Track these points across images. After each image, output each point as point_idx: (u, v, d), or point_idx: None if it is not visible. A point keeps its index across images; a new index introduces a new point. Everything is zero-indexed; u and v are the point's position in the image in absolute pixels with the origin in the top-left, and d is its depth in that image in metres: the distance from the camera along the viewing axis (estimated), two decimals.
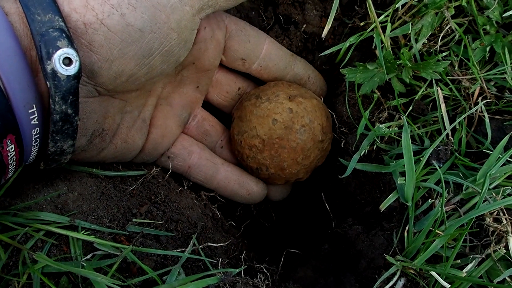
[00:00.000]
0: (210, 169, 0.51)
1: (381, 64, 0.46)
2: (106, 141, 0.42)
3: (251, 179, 0.53)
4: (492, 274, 0.38)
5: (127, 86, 0.39)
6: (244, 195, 0.53)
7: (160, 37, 0.37)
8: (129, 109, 0.44)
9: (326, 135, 0.50)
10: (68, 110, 0.33)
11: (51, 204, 0.39)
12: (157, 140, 0.48)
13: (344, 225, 0.47)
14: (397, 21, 0.49)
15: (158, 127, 0.48)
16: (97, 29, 0.34)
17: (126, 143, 0.44)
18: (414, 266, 0.38)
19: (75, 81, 0.33)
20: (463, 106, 0.47)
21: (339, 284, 0.44)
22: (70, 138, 0.35)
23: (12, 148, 0.33)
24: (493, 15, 0.47)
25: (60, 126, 0.34)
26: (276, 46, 0.51)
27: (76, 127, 0.35)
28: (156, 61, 0.38)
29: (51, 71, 0.32)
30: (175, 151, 0.50)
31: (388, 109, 0.49)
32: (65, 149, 0.36)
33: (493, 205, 0.38)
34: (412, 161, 0.40)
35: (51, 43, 0.31)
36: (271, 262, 0.50)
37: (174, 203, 0.46)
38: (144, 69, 0.38)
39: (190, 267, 0.41)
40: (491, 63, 0.48)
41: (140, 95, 0.44)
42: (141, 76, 0.39)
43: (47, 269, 0.36)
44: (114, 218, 0.41)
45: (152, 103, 0.47)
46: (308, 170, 0.52)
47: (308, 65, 0.54)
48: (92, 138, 0.40)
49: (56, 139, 0.35)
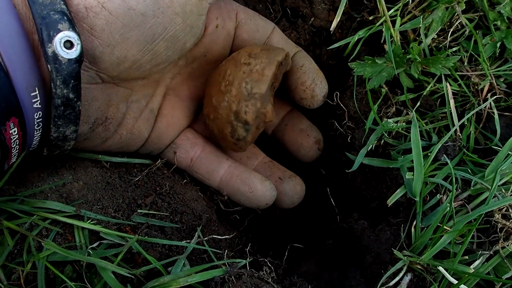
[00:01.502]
0: (213, 163, 0.48)
1: (390, 58, 0.46)
2: (110, 131, 0.42)
3: (255, 176, 0.48)
4: (499, 271, 0.37)
5: (131, 73, 0.39)
6: (246, 192, 0.47)
7: (164, 22, 0.36)
8: (135, 98, 0.43)
9: (256, 58, 0.43)
10: (69, 95, 0.33)
11: (56, 193, 0.39)
12: (162, 129, 0.47)
13: (349, 220, 0.47)
14: (407, 15, 0.49)
15: (164, 116, 0.47)
16: (98, 13, 0.33)
17: (131, 134, 0.44)
18: (421, 262, 0.37)
19: (76, 64, 0.32)
20: (472, 102, 0.47)
21: (343, 279, 0.44)
22: (72, 124, 0.35)
23: (15, 131, 0.32)
24: (505, 11, 0.46)
25: (62, 111, 0.34)
26: (281, 36, 0.50)
27: (78, 112, 0.35)
28: (160, 47, 0.38)
29: (52, 54, 0.31)
30: (178, 141, 0.48)
31: (396, 104, 0.49)
32: (68, 134, 0.36)
33: (502, 202, 0.37)
34: (421, 156, 0.40)
35: (52, 25, 0.31)
36: (275, 257, 0.50)
37: (179, 195, 0.46)
38: (148, 55, 0.37)
39: (195, 259, 0.41)
40: (501, 59, 0.48)
41: (147, 85, 0.44)
42: (145, 63, 0.38)
43: (51, 257, 0.36)
44: (119, 208, 0.41)
45: (161, 93, 0.46)
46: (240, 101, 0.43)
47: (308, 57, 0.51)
48: (94, 126, 0.40)
49: (58, 124, 0.34)
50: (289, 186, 0.51)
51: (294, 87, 0.50)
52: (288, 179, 0.51)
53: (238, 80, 0.42)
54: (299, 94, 0.50)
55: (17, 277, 0.35)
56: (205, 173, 0.49)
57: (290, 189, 0.51)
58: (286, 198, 0.51)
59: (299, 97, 0.50)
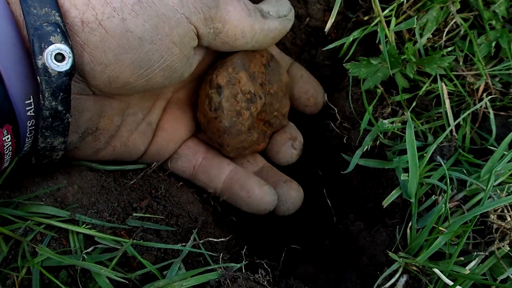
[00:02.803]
0: (214, 169, 0.48)
1: (385, 59, 0.46)
2: (101, 141, 0.41)
3: (254, 181, 0.47)
4: (495, 272, 0.37)
5: (124, 93, 0.38)
6: (244, 198, 0.46)
7: (161, 49, 0.35)
8: (131, 111, 0.42)
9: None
10: (58, 107, 0.33)
11: (51, 198, 0.39)
12: (162, 144, 0.46)
13: (345, 221, 0.47)
14: (402, 15, 0.49)
15: (165, 131, 0.46)
16: (94, 29, 0.33)
17: (126, 146, 0.43)
18: (417, 263, 0.37)
19: (66, 78, 0.32)
20: (467, 102, 0.47)
21: (340, 281, 0.44)
22: (60, 135, 0.35)
23: (9, 138, 0.32)
24: (499, 10, 0.46)
25: (50, 123, 0.33)
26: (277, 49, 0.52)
27: (67, 124, 0.34)
28: (157, 75, 0.37)
29: (42, 66, 0.31)
30: (180, 151, 0.48)
31: (391, 105, 0.49)
32: (56, 145, 0.35)
33: (497, 202, 0.37)
34: (416, 157, 0.40)
35: (44, 37, 0.30)
36: (271, 258, 0.50)
37: (175, 198, 0.46)
38: (141, 80, 0.37)
39: (191, 262, 0.41)
40: (496, 58, 0.48)
41: (145, 98, 0.43)
42: (139, 86, 0.37)
43: (46, 262, 0.35)
44: (114, 212, 0.41)
45: (160, 106, 0.45)
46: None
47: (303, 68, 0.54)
48: (84, 135, 0.39)
49: (45, 135, 0.34)
50: (282, 190, 0.48)
51: (298, 97, 0.53)
52: (282, 183, 0.48)
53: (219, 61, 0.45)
54: (303, 103, 0.53)
55: (12, 283, 0.35)
56: (207, 180, 0.48)
57: (284, 194, 0.48)
58: (279, 204, 0.48)
59: (303, 105, 0.53)
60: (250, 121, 0.45)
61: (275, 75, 0.48)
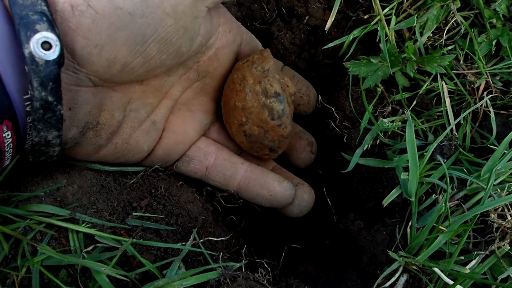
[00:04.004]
0: (229, 169, 0.47)
1: (385, 57, 0.46)
2: (102, 137, 0.41)
3: (273, 178, 0.47)
4: (495, 271, 0.37)
5: (124, 77, 0.38)
6: (266, 196, 0.47)
7: (154, 22, 0.35)
8: (133, 107, 0.42)
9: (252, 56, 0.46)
10: (48, 98, 0.32)
11: (50, 197, 0.39)
12: (171, 146, 0.46)
13: (346, 221, 0.47)
14: (402, 14, 0.49)
15: (174, 133, 0.46)
16: (84, 12, 0.33)
17: (128, 144, 0.43)
18: (417, 262, 0.37)
19: (55, 66, 0.31)
20: (467, 101, 0.47)
21: (340, 280, 0.44)
22: (53, 128, 0.34)
23: (9, 134, 0.32)
24: (500, 8, 0.46)
25: (41, 115, 0.33)
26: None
27: (59, 117, 0.34)
28: (152, 49, 0.37)
29: (28, 55, 0.30)
30: (190, 153, 0.48)
31: (391, 104, 0.49)
32: (50, 140, 0.35)
33: (497, 201, 0.37)
34: (416, 156, 0.40)
35: (29, 26, 0.30)
36: (272, 257, 0.50)
37: (175, 197, 0.46)
38: (139, 58, 0.37)
39: (191, 261, 0.41)
40: (497, 57, 0.48)
41: (146, 92, 0.43)
42: (138, 66, 0.37)
43: (46, 262, 0.35)
44: (114, 212, 0.41)
45: (167, 106, 0.45)
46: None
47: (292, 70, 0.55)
48: (84, 130, 0.39)
49: (38, 128, 0.33)
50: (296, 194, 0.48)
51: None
52: (295, 186, 0.49)
53: (248, 71, 0.44)
54: (296, 101, 0.53)
55: (12, 282, 0.35)
56: (222, 180, 0.48)
57: (297, 197, 0.48)
58: (293, 207, 0.49)
59: (297, 104, 0.53)
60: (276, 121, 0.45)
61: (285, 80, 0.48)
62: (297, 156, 0.54)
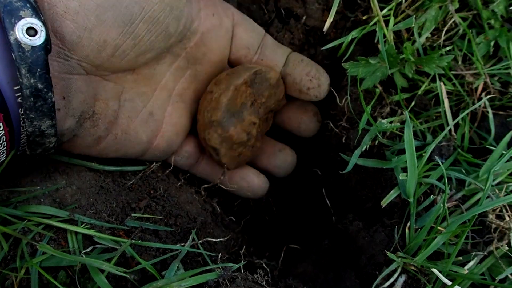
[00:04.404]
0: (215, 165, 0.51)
1: (384, 58, 0.46)
2: (100, 127, 0.41)
3: (252, 172, 0.53)
4: (494, 272, 0.37)
5: (116, 62, 0.38)
6: (245, 187, 0.53)
7: (140, 0, 0.36)
8: (128, 97, 0.43)
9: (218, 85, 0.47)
10: (38, 85, 0.32)
11: (49, 198, 0.39)
12: (172, 138, 0.47)
13: (344, 221, 0.47)
14: (400, 14, 0.49)
15: (173, 125, 0.47)
16: None
17: (127, 135, 0.43)
18: (415, 263, 0.37)
19: (42, 52, 0.31)
20: (466, 102, 0.47)
21: (339, 280, 0.44)
22: (46, 117, 0.34)
23: (1, 127, 0.32)
24: (498, 9, 0.46)
25: (33, 103, 0.33)
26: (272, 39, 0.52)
27: (51, 104, 0.33)
28: (141, 29, 0.37)
29: (14, 42, 0.31)
30: (189, 149, 0.50)
31: (390, 104, 0.49)
32: (44, 129, 0.34)
33: (496, 202, 0.37)
34: (414, 156, 0.40)
35: (14, 12, 0.30)
36: (271, 258, 0.50)
37: (174, 198, 0.46)
38: (129, 40, 0.37)
39: (190, 262, 0.41)
40: (495, 58, 0.48)
41: (139, 81, 0.43)
42: (128, 49, 0.38)
43: (45, 263, 0.36)
44: (112, 213, 0.41)
45: (162, 97, 0.45)
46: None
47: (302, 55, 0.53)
48: (81, 120, 0.39)
49: (31, 117, 0.33)
50: (280, 159, 0.56)
51: (300, 80, 0.51)
52: (278, 152, 0.56)
53: (203, 108, 0.47)
54: (305, 85, 0.50)
55: (11, 283, 0.35)
56: (209, 173, 0.52)
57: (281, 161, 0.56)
58: (279, 170, 0.56)
59: (306, 88, 0.50)
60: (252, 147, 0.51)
61: (263, 84, 0.48)
62: (305, 127, 0.55)
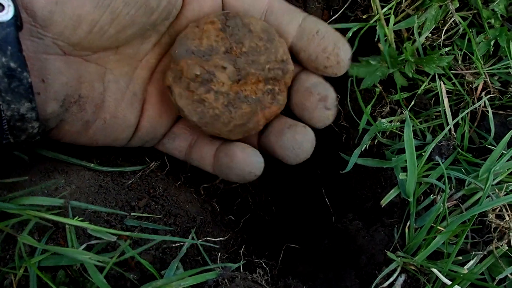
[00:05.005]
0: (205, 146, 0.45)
1: (385, 57, 0.46)
2: (87, 111, 0.39)
3: (236, 146, 0.43)
4: (494, 271, 0.37)
5: (95, 40, 0.36)
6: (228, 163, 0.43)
7: None
8: (112, 78, 0.40)
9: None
10: (10, 64, 0.30)
11: (49, 197, 0.39)
12: (155, 119, 0.44)
13: (344, 220, 0.47)
14: (400, 13, 0.49)
15: (154, 104, 0.44)
16: None
17: (116, 118, 0.41)
18: (415, 263, 0.37)
19: (11, 28, 0.30)
20: (466, 101, 0.47)
21: (339, 280, 0.44)
22: (24, 99, 0.32)
23: None
24: (498, 8, 0.46)
25: (7, 84, 0.31)
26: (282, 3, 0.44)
27: (28, 85, 0.32)
28: (117, 2, 0.34)
29: None
30: (175, 130, 0.46)
31: (390, 104, 0.49)
32: (24, 113, 0.33)
33: (496, 202, 0.37)
34: (414, 156, 0.40)
35: None
36: (270, 257, 0.50)
37: (173, 197, 0.46)
38: (106, 14, 0.35)
39: (189, 261, 0.41)
40: (495, 57, 0.48)
41: (121, 61, 0.41)
42: (107, 25, 0.35)
43: (44, 262, 0.35)
44: (112, 212, 0.41)
45: (144, 75, 0.43)
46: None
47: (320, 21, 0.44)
48: (66, 104, 0.37)
49: (7, 100, 0.31)
50: (286, 137, 0.43)
51: (315, 57, 0.43)
52: (286, 129, 0.43)
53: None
54: (322, 63, 0.43)
55: (10, 283, 0.35)
56: (199, 159, 0.45)
57: (288, 140, 0.43)
58: (288, 152, 0.43)
59: (323, 66, 0.43)
60: (223, 98, 0.41)
61: (240, 30, 0.41)
62: (309, 116, 0.44)
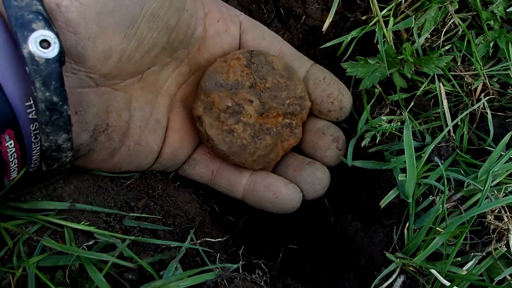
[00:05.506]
0: (234, 173, 0.47)
1: (383, 58, 0.46)
2: (115, 140, 0.40)
3: (278, 180, 0.47)
4: (492, 272, 0.37)
5: (123, 68, 0.37)
6: (271, 198, 0.46)
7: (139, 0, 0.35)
8: (137, 105, 0.42)
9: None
10: (53, 98, 0.31)
11: (47, 197, 0.39)
12: (176, 145, 0.46)
13: (343, 222, 0.47)
14: (400, 15, 0.49)
15: (176, 131, 0.46)
16: (68, 6, 0.32)
17: (139, 145, 0.42)
18: (414, 264, 0.37)
19: (56, 64, 0.31)
20: (465, 102, 0.47)
21: (337, 281, 0.44)
22: (62, 130, 0.33)
23: (12, 144, 0.31)
24: (497, 10, 0.46)
25: (48, 116, 0.32)
26: (290, 47, 0.49)
27: (67, 118, 0.33)
28: (143, 28, 0.36)
29: (28, 55, 0.30)
30: (196, 156, 0.48)
31: (389, 105, 0.49)
32: (61, 144, 0.34)
33: (494, 203, 0.37)
34: (413, 157, 0.40)
35: (26, 25, 0.30)
36: (269, 258, 0.50)
37: (172, 198, 0.46)
38: (133, 41, 0.36)
39: (188, 262, 0.41)
40: (494, 59, 0.48)
41: (145, 89, 0.42)
42: (133, 51, 0.37)
43: (42, 262, 0.35)
44: (111, 212, 0.41)
45: (165, 103, 0.45)
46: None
47: (325, 69, 0.50)
48: (95, 134, 0.38)
49: (47, 131, 0.33)
50: (307, 173, 0.47)
51: (320, 100, 0.48)
52: (306, 166, 0.48)
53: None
54: (326, 107, 0.48)
55: (8, 283, 0.35)
56: (227, 185, 0.48)
57: (309, 176, 0.47)
58: (308, 187, 0.47)
59: (327, 110, 0.48)
60: (250, 130, 0.44)
61: (264, 67, 0.46)
62: (322, 155, 0.49)
